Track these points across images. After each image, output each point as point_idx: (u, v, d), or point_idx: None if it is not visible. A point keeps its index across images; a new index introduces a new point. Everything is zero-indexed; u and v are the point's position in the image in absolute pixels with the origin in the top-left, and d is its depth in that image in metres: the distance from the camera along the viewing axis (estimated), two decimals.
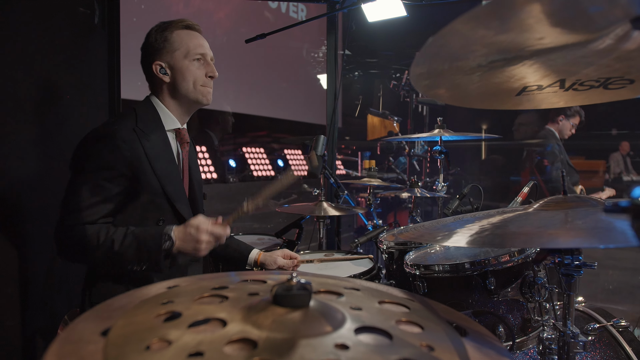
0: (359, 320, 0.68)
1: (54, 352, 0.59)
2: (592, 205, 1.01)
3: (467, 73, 0.86)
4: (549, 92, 1.05)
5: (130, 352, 0.57)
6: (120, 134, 1.52)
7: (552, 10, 0.72)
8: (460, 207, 2.01)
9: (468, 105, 1.06)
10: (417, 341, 0.64)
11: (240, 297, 0.74)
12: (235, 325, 0.63)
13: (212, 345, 0.58)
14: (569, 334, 1.12)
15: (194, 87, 1.65)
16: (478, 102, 1.07)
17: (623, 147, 9.20)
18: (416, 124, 5.19)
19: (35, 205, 2.10)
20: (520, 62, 0.86)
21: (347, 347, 0.59)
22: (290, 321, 0.63)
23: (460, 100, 1.03)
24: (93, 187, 1.48)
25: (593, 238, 0.83)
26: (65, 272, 2.28)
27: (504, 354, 0.68)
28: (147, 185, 1.54)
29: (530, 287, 1.39)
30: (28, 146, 2.06)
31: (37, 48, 2.10)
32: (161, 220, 1.56)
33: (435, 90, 0.91)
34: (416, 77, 0.82)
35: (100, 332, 0.65)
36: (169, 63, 1.64)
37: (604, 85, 1.02)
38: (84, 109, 2.43)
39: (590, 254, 3.34)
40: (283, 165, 7.16)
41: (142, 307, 0.71)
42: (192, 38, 1.67)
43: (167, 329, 0.62)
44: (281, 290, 0.66)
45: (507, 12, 0.72)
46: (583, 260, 1.07)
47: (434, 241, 0.96)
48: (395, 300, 0.79)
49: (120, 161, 1.50)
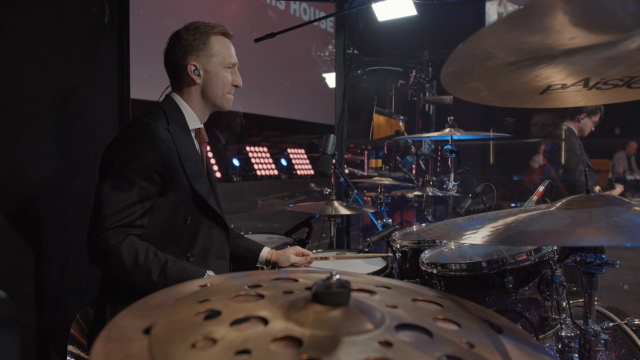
0: (397, 318, 0.68)
1: (99, 351, 0.60)
2: (617, 204, 1.01)
3: (497, 72, 0.86)
4: (572, 90, 1.05)
5: (177, 349, 0.58)
6: (159, 134, 1.51)
7: (585, 12, 0.73)
8: (473, 205, 2.02)
9: (492, 103, 1.07)
10: (457, 338, 0.65)
11: (276, 295, 0.75)
12: (277, 323, 0.64)
13: (258, 343, 0.59)
14: (590, 332, 1.13)
15: (222, 94, 1.69)
16: (501, 101, 1.07)
17: (630, 147, 9.18)
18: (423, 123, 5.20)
19: (49, 206, 2.11)
20: (550, 61, 0.87)
21: (391, 344, 0.60)
22: (332, 319, 0.64)
23: (484, 99, 1.04)
24: (132, 188, 1.45)
25: (621, 236, 0.84)
26: (77, 271, 2.29)
27: (541, 350, 0.68)
28: (178, 185, 1.55)
29: (549, 285, 1.39)
30: (45, 147, 2.08)
31: (52, 49, 2.11)
32: (189, 218, 1.57)
33: (463, 89, 0.92)
34: (446, 75, 0.83)
35: (142, 330, 0.66)
36: (204, 66, 1.65)
37: (628, 85, 1.02)
38: (97, 109, 2.44)
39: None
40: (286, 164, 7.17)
41: (180, 306, 0.72)
42: (229, 46, 1.71)
43: (209, 327, 0.63)
44: (321, 289, 0.67)
45: (541, 14, 0.73)
46: (605, 259, 1.08)
47: (462, 239, 0.97)
48: (428, 298, 0.79)
49: (159, 161, 1.49)
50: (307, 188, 4.91)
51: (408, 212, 5.00)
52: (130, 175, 1.46)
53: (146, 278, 1.43)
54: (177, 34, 1.69)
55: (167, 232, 1.57)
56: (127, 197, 1.44)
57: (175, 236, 1.57)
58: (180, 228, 1.59)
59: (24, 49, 1.98)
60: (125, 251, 1.42)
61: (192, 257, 1.59)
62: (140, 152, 1.48)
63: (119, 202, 1.44)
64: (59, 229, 2.16)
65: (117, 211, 1.43)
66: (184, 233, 1.60)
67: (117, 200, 1.44)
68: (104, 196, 1.46)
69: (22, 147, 1.97)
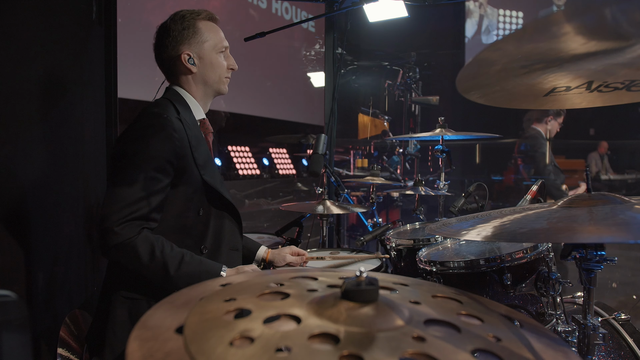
0: (423, 314, 0.70)
1: (135, 350, 0.60)
2: (617, 202, 1.05)
3: (510, 75, 0.89)
4: (575, 93, 1.09)
5: (215, 347, 0.58)
6: (172, 123, 1.49)
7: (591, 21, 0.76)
8: (465, 205, 2.06)
9: (498, 105, 1.10)
10: (483, 333, 0.67)
11: (301, 293, 0.75)
12: (311, 321, 0.65)
13: (296, 340, 0.59)
14: (589, 327, 1.17)
15: (220, 78, 1.68)
16: (507, 102, 1.10)
17: (602, 147, 9.51)
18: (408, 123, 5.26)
19: (38, 206, 2.06)
20: (559, 65, 0.90)
21: (424, 339, 0.62)
22: (364, 315, 0.65)
23: (492, 100, 1.07)
24: (145, 179, 1.42)
25: (627, 233, 0.88)
26: (66, 273, 2.25)
27: (560, 343, 0.71)
28: (190, 175, 1.52)
29: (545, 282, 1.43)
30: (34, 146, 2.03)
31: (41, 46, 2.07)
32: (201, 209, 1.56)
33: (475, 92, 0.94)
34: (462, 79, 0.85)
35: (174, 329, 0.66)
36: (198, 54, 1.63)
37: (628, 88, 1.06)
38: (85, 107, 2.40)
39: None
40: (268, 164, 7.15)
41: (208, 305, 0.72)
42: (218, 30, 1.69)
43: (244, 326, 0.63)
44: (351, 286, 0.68)
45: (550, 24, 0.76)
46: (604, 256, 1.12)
47: (470, 236, 0.99)
48: (447, 295, 0.81)
49: (171, 151, 1.47)
50: (294, 187, 4.91)
51: (394, 211, 5.06)
52: (143, 166, 1.43)
53: (163, 272, 1.40)
54: (164, 26, 1.66)
55: (180, 225, 1.55)
56: (140, 189, 1.41)
57: (188, 228, 1.55)
58: (193, 220, 1.57)
59: (12, 46, 1.93)
60: (140, 245, 1.39)
61: (205, 249, 1.57)
62: (153, 143, 1.45)
63: (132, 194, 1.40)
64: (48, 230, 2.11)
65: (130, 203, 1.40)
66: (197, 225, 1.58)
67: (130, 192, 1.40)
68: (117, 188, 1.43)
69: (11, 147, 1.92)
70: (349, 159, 5.49)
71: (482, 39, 10.55)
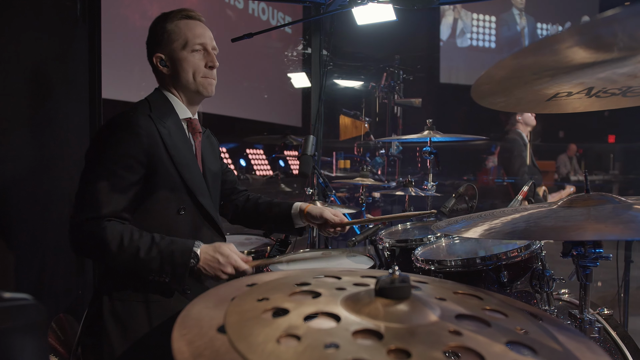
0: (452, 310, 0.73)
1: (182, 348, 0.60)
2: (615, 202, 1.11)
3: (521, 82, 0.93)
4: (575, 98, 1.14)
5: (264, 345, 0.59)
6: (137, 121, 1.49)
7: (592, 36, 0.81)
8: (456, 205, 2.11)
9: (503, 109, 1.14)
10: (511, 326, 0.70)
11: (331, 292, 0.77)
12: (350, 318, 0.66)
13: (341, 336, 0.61)
14: (587, 321, 1.23)
15: (194, 78, 1.63)
16: (512, 107, 1.15)
17: (570, 149, 9.89)
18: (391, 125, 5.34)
19: (24, 208, 2.01)
20: (567, 73, 0.95)
21: (460, 333, 0.64)
22: (400, 311, 0.68)
23: (497, 105, 1.11)
24: (111, 176, 1.43)
25: (632, 231, 0.93)
26: (53, 276, 2.19)
27: (579, 334, 0.75)
28: (165, 174, 1.51)
29: (540, 279, 1.49)
30: (19, 148, 1.97)
31: (26, 44, 2.01)
32: (182, 208, 1.54)
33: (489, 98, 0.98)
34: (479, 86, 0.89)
35: (215, 328, 0.66)
36: (168, 55, 1.63)
37: (624, 93, 1.12)
38: (70, 106, 2.34)
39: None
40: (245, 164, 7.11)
41: (242, 305, 0.73)
42: (192, 28, 1.65)
43: (286, 323, 0.65)
44: (385, 284, 0.70)
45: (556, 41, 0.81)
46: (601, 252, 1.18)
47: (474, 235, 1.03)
48: (468, 291, 0.84)
49: (139, 148, 1.47)
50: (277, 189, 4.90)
51: (375, 212, 5.12)
52: (108, 164, 1.45)
53: (133, 258, 1.40)
54: (149, 29, 1.68)
55: (160, 224, 1.54)
56: (106, 186, 1.42)
57: (169, 227, 1.54)
58: (174, 219, 1.56)
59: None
60: (109, 235, 1.39)
61: None
62: (118, 141, 1.47)
63: (98, 191, 1.42)
64: (34, 232, 2.06)
65: (96, 200, 1.41)
66: (179, 224, 1.57)
67: (97, 189, 1.42)
68: (85, 186, 1.46)
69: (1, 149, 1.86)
70: (330, 159, 5.52)
71: (457, 42, 10.79)
